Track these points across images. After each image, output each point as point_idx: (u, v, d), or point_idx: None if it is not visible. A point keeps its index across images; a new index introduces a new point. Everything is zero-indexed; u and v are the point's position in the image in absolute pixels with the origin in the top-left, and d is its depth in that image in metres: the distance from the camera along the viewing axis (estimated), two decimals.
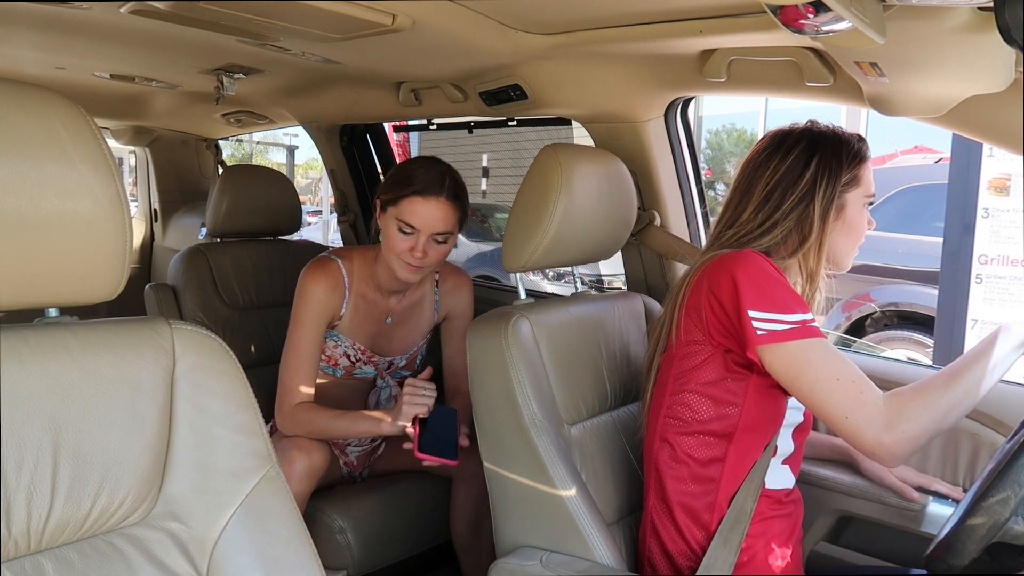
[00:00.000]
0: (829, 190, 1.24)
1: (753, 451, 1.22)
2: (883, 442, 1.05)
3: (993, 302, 3.48)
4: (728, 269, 1.17)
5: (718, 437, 1.22)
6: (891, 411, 1.06)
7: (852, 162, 1.25)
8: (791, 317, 1.12)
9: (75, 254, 0.79)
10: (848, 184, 1.25)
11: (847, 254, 1.30)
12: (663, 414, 1.27)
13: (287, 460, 1.59)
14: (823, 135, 1.27)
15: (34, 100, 0.77)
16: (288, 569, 0.92)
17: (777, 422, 1.23)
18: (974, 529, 0.88)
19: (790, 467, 1.30)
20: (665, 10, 1.23)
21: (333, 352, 1.80)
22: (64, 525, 0.81)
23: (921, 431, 1.05)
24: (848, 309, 5.03)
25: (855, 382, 1.10)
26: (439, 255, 1.68)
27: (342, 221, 2.86)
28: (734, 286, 1.15)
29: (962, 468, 1.44)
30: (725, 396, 1.21)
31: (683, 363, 1.24)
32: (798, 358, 1.12)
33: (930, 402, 1.06)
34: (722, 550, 1.18)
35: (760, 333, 1.12)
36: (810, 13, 0.78)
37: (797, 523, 1.32)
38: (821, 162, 1.24)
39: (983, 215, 3.47)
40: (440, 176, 1.64)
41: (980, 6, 0.80)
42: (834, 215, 1.25)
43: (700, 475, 1.24)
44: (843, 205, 1.26)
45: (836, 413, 1.09)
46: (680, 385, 1.24)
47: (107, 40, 1.72)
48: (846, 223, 1.27)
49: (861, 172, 1.26)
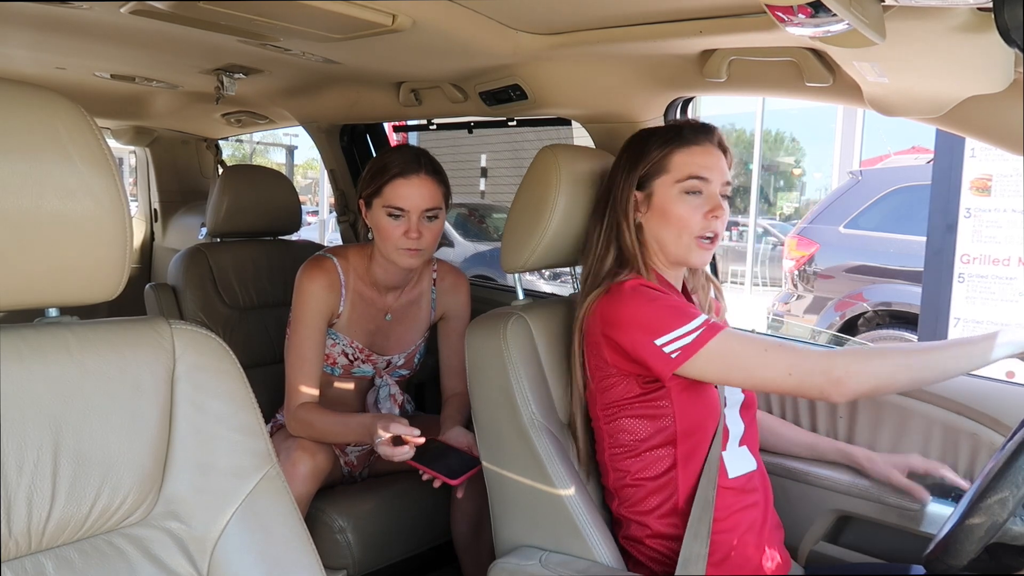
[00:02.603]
0: (625, 182, 1.28)
1: (701, 446, 1.24)
2: (831, 376, 1.08)
3: (975, 300, 3.53)
4: (615, 315, 1.20)
5: (663, 447, 1.25)
6: (842, 353, 1.10)
7: (655, 151, 1.27)
8: (691, 326, 1.15)
9: (75, 254, 0.79)
10: (651, 173, 1.27)
11: (674, 243, 1.27)
12: (607, 445, 1.30)
13: (291, 461, 1.59)
14: (637, 135, 1.32)
15: (34, 100, 0.77)
16: (288, 569, 0.92)
17: (715, 411, 1.25)
18: (973, 529, 0.88)
19: (748, 447, 1.31)
20: (665, 10, 1.23)
21: (331, 351, 1.80)
22: (65, 525, 0.81)
23: (871, 373, 1.08)
24: (841, 308, 5.05)
25: (781, 345, 1.14)
26: (433, 234, 1.69)
27: (342, 221, 2.86)
28: (629, 328, 1.18)
29: (962, 468, 1.44)
30: (654, 411, 1.23)
31: (604, 396, 1.27)
32: (718, 355, 1.14)
33: (887, 356, 1.09)
34: (694, 544, 1.19)
35: (675, 355, 1.14)
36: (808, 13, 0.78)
37: (768, 506, 1.33)
38: (618, 162, 1.30)
39: (965, 215, 3.52)
40: (415, 156, 1.68)
41: (980, 6, 0.80)
42: (644, 205, 1.28)
43: (658, 487, 1.26)
44: (650, 194, 1.28)
45: (778, 376, 1.12)
46: (611, 415, 1.27)
47: (107, 40, 1.72)
48: (655, 210, 1.28)
49: (669, 159, 1.26)
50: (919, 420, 1.48)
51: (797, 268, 5.44)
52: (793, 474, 1.53)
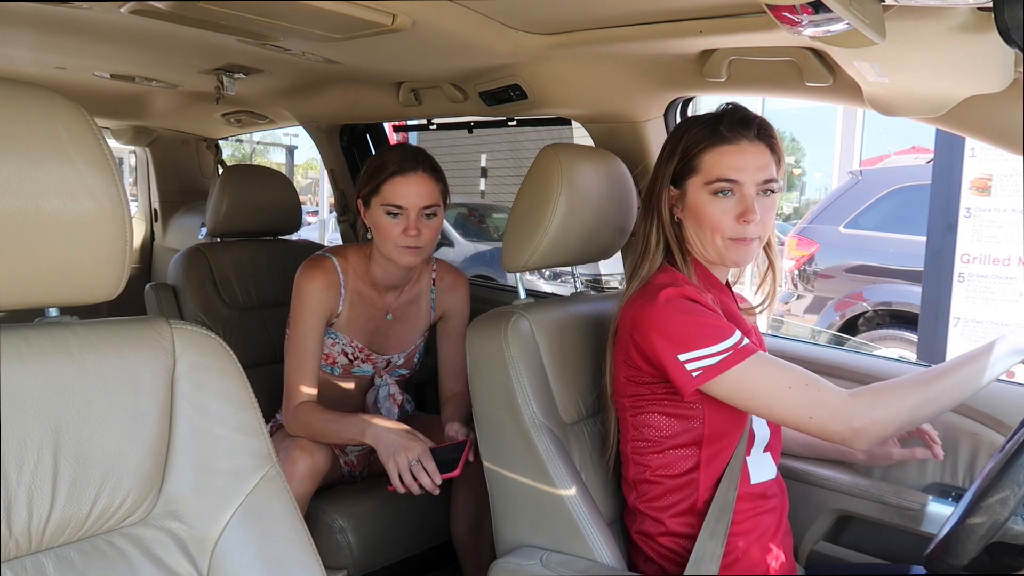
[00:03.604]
0: (660, 178, 1.26)
1: (726, 450, 1.23)
2: (852, 427, 1.07)
3: (975, 300, 3.53)
4: (644, 321, 1.18)
5: (688, 447, 1.23)
6: (861, 398, 1.08)
7: (690, 148, 1.24)
8: (719, 347, 1.12)
9: (75, 254, 0.79)
10: (683, 172, 1.25)
11: (707, 244, 1.25)
12: (631, 437, 1.29)
13: (289, 460, 1.59)
14: (682, 123, 1.29)
15: (34, 100, 0.77)
16: (288, 569, 0.92)
17: (743, 417, 1.23)
18: (974, 528, 0.88)
19: (771, 454, 1.31)
20: (665, 10, 1.23)
21: (331, 350, 1.80)
22: (65, 524, 0.81)
23: (891, 417, 1.06)
24: (841, 308, 5.05)
25: (807, 384, 1.11)
26: (432, 231, 1.69)
27: (342, 221, 2.86)
28: (655, 338, 1.16)
29: (962, 468, 1.44)
30: (683, 411, 1.22)
31: (632, 387, 1.26)
32: (742, 382, 1.12)
33: (905, 393, 1.07)
34: (709, 543, 1.18)
35: (696, 374, 1.13)
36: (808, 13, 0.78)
37: (783, 514, 1.32)
38: (658, 160, 1.28)
39: (965, 215, 3.53)
40: (412, 154, 1.69)
41: (980, 6, 0.80)
42: (679, 203, 1.27)
43: (678, 486, 1.25)
44: (683, 193, 1.26)
45: (799, 417, 1.10)
46: (639, 408, 1.26)
47: (107, 40, 1.72)
48: (688, 211, 1.26)
49: (701, 158, 1.23)
50: None
51: (797, 268, 5.44)
52: (793, 474, 1.53)
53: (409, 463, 1.50)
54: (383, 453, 1.53)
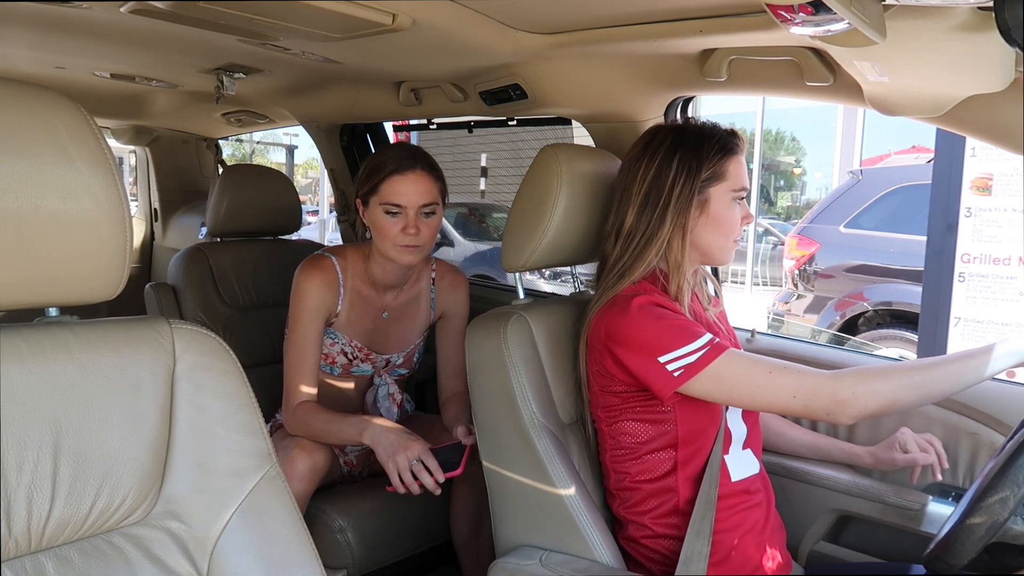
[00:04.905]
0: (687, 187, 1.25)
1: (703, 451, 1.25)
2: (836, 399, 1.08)
3: (976, 300, 3.53)
4: (620, 330, 1.20)
5: (664, 450, 1.25)
6: (846, 374, 1.10)
7: (714, 157, 1.25)
8: (696, 344, 1.15)
9: (75, 254, 0.79)
10: (709, 179, 1.26)
11: (719, 248, 1.30)
12: (608, 446, 1.30)
13: (289, 460, 1.59)
14: (685, 132, 1.28)
15: (34, 100, 0.77)
16: (288, 568, 0.92)
17: (716, 417, 1.25)
18: (973, 528, 0.88)
19: (751, 450, 1.32)
20: (665, 10, 1.23)
21: (330, 350, 1.80)
22: (64, 524, 0.81)
23: (874, 392, 1.08)
24: (841, 308, 5.05)
25: (786, 367, 1.14)
26: (431, 230, 1.69)
27: (342, 221, 2.86)
28: (633, 345, 1.18)
29: (962, 468, 1.44)
30: (656, 416, 1.24)
31: (605, 398, 1.27)
32: (722, 375, 1.14)
33: (892, 375, 1.09)
34: (696, 542, 1.19)
35: (677, 373, 1.15)
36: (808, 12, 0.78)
37: (771, 508, 1.33)
38: (681, 160, 1.26)
39: (966, 214, 3.52)
40: (410, 153, 1.69)
41: (980, 5, 0.80)
42: (698, 210, 1.26)
43: (658, 490, 1.27)
44: (706, 200, 1.26)
45: (783, 399, 1.12)
46: (612, 418, 1.28)
47: (107, 40, 1.72)
48: (711, 217, 1.27)
49: (726, 167, 1.26)
50: (919, 420, 1.48)
51: (797, 268, 5.44)
52: (793, 474, 1.53)
53: (409, 463, 1.50)
54: (381, 454, 1.53)
